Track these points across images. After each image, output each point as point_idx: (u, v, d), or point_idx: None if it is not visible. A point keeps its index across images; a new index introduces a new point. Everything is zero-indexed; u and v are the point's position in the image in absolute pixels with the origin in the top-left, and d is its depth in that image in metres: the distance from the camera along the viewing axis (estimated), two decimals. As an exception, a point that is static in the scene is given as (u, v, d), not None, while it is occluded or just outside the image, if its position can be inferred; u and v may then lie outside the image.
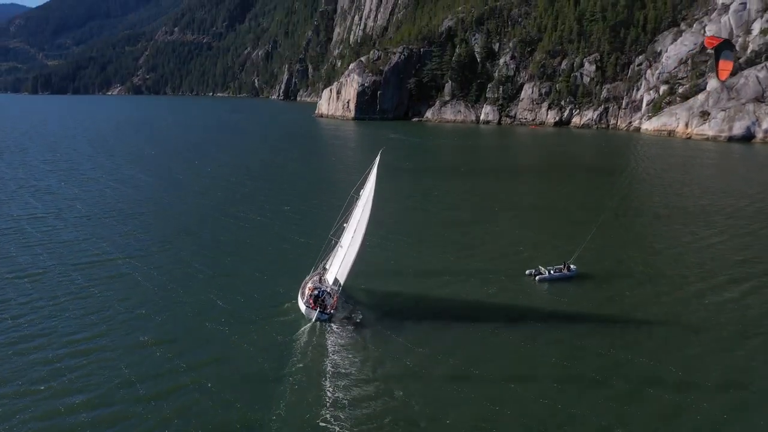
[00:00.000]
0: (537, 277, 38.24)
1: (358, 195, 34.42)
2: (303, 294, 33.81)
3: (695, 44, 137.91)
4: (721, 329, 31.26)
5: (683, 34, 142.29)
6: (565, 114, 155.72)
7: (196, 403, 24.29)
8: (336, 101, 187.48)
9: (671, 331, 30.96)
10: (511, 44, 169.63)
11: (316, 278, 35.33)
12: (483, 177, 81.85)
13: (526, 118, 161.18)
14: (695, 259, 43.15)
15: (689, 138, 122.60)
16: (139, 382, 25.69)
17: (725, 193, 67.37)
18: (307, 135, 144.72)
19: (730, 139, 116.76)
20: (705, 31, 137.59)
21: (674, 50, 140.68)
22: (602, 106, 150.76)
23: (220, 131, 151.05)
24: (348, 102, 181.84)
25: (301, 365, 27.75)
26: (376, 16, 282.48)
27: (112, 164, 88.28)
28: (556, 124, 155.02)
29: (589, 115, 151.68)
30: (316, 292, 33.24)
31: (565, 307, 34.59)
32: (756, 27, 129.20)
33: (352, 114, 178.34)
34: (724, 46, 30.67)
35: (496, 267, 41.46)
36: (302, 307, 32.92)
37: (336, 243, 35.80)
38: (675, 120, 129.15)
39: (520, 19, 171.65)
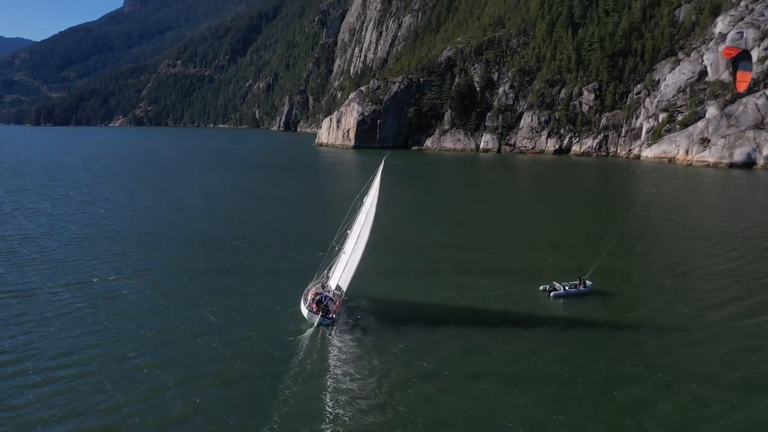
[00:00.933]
0: (551, 293, 37.23)
1: (362, 201, 34.70)
2: (306, 299, 33.86)
3: (693, 73, 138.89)
4: (739, 345, 30.10)
5: (681, 62, 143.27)
6: (565, 142, 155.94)
7: (193, 411, 23.18)
8: (336, 130, 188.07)
9: (690, 348, 29.77)
10: (510, 74, 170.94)
11: (318, 285, 35.37)
12: (488, 199, 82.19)
13: (525, 147, 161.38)
14: (712, 277, 42.18)
15: (690, 165, 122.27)
16: (124, 399, 24.34)
17: (734, 216, 66.62)
18: (306, 162, 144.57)
19: (731, 165, 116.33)
20: (702, 60, 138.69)
21: (672, 78, 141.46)
22: (602, 134, 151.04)
23: (221, 159, 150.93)
24: (348, 131, 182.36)
25: (302, 369, 27.36)
26: (376, 48, 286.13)
27: (109, 188, 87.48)
28: (555, 152, 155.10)
29: (589, 143, 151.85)
30: (318, 297, 33.36)
31: (581, 322, 33.48)
32: (753, 55, 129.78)
33: (352, 143, 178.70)
34: (742, 57, 29.90)
35: (507, 282, 40.60)
36: (305, 311, 32.93)
37: (339, 249, 35.94)
38: (675, 147, 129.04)
39: (518, 49, 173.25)
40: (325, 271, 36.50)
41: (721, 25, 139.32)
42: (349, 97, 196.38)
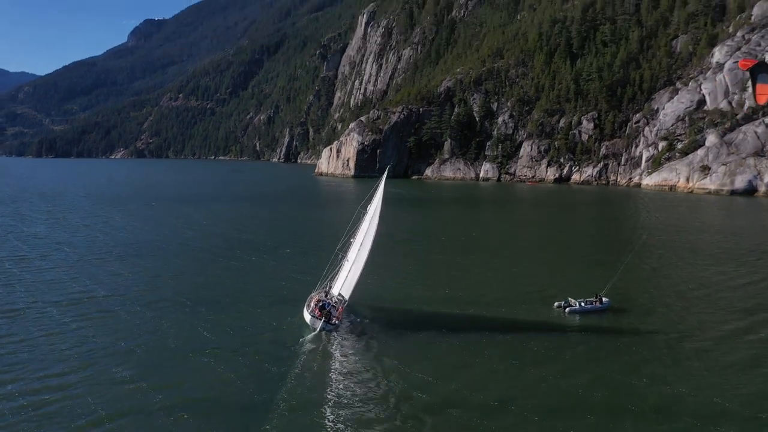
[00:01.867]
0: (567, 309, 36.30)
1: (365, 210, 35.18)
2: (308, 306, 34.06)
3: (692, 102, 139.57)
4: (755, 360, 29.05)
5: (679, 92, 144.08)
6: (565, 171, 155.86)
7: (190, 419, 22.01)
8: (336, 159, 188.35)
9: (712, 366, 28.42)
10: (509, 103, 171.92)
11: (322, 293, 35.46)
12: (493, 222, 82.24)
13: (525, 175, 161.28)
14: (729, 295, 41.32)
15: (691, 192, 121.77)
16: (108, 414, 23.13)
17: (741, 238, 66.10)
18: (306, 190, 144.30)
19: (733, 192, 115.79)
20: (701, 89, 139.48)
21: (671, 107, 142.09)
22: (602, 163, 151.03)
23: (220, 187, 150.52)
24: (348, 160, 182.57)
25: (303, 373, 27.22)
26: (376, 80, 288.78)
27: (105, 213, 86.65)
28: (556, 180, 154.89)
29: (589, 171, 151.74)
30: (321, 303, 33.68)
31: (597, 337, 32.43)
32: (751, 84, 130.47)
33: (352, 172, 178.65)
34: (760, 69, 29.15)
35: (517, 297, 39.95)
36: (308, 317, 33.19)
37: (342, 257, 36.14)
38: (675, 175, 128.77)
39: (517, 80, 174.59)
40: (329, 279, 36.44)
41: (718, 54, 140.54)
42: (349, 126, 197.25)
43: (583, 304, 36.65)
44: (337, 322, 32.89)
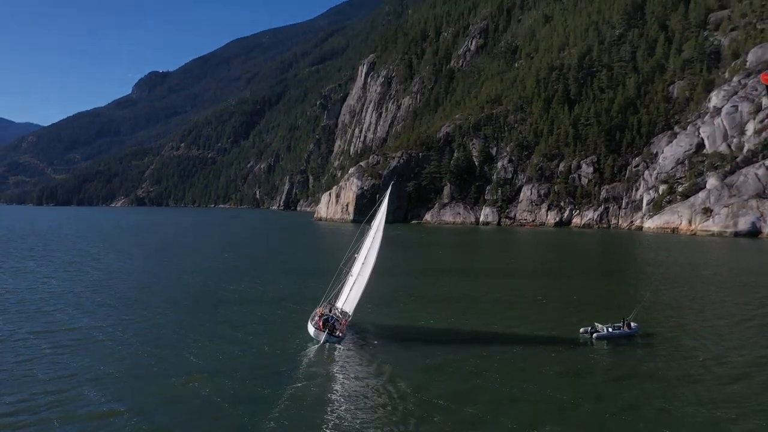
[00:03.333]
0: (594, 335, 34.60)
1: (369, 226, 35.80)
2: (312, 320, 34.59)
3: (691, 145, 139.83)
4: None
5: (678, 136, 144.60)
6: (565, 214, 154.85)
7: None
8: (335, 204, 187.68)
9: (755, 392, 26.44)
10: (508, 148, 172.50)
11: (326, 308, 35.85)
12: (500, 261, 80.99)
13: (526, 219, 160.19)
14: (758, 323, 39.70)
15: (694, 234, 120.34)
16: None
17: (760, 275, 64.12)
18: (306, 233, 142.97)
19: (736, 234, 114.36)
20: (699, 133, 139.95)
21: (670, 151, 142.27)
22: (602, 206, 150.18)
23: (219, 231, 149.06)
24: (347, 205, 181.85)
25: (305, 384, 26.96)
26: (375, 128, 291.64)
27: (97, 251, 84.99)
28: (556, 224, 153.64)
29: (590, 215, 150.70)
30: (325, 317, 34.20)
31: (630, 363, 30.45)
32: (750, 128, 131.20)
33: (351, 217, 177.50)
34: None
35: (536, 323, 38.82)
36: (311, 330, 33.73)
37: (346, 273, 36.60)
38: (677, 217, 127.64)
39: (516, 125, 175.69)
40: (333, 294, 36.84)
41: (715, 99, 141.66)
42: (349, 171, 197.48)
43: (610, 329, 35.07)
44: (340, 334, 33.21)
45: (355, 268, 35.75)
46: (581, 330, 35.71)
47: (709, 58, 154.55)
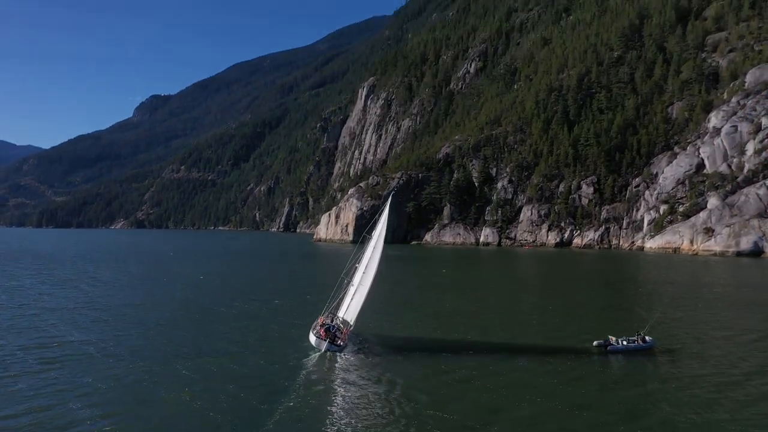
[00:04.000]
0: (608, 348, 33.76)
1: (370, 235, 35.84)
2: (314, 329, 34.59)
3: (691, 165, 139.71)
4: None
5: (678, 156, 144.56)
6: (566, 235, 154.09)
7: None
8: (335, 225, 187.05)
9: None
10: (508, 169, 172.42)
11: (328, 317, 35.86)
12: (504, 279, 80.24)
13: (526, 240, 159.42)
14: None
15: (696, 254, 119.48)
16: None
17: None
18: (305, 254, 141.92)
19: (739, 254, 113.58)
20: (699, 153, 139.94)
21: (670, 171, 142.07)
22: (603, 227, 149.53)
23: (217, 252, 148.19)
24: (347, 225, 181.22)
25: (305, 392, 26.67)
26: (375, 150, 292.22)
27: (94, 269, 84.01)
28: (557, 245, 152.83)
29: (591, 235, 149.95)
30: (326, 326, 34.22)
31: (647, 380, 29.17)
32: (750, 148, 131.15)
33: (350, 237, 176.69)
34: None
35: (550, 335, 38.15)
36: (313, 339, 33.81)
37: (348, 283, 36.79)
38: (679, 237, 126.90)
39: (515, 146, 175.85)
40: (334, 304, 36.83)
41: (714, 120, 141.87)
42: (349, 192, 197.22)
43: (625, 342, 34.23)
44: (341, 343, 33.27)
45: (356, 278, 35.88)
46: (594, 343, 34.80)
47: (708, 80, 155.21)
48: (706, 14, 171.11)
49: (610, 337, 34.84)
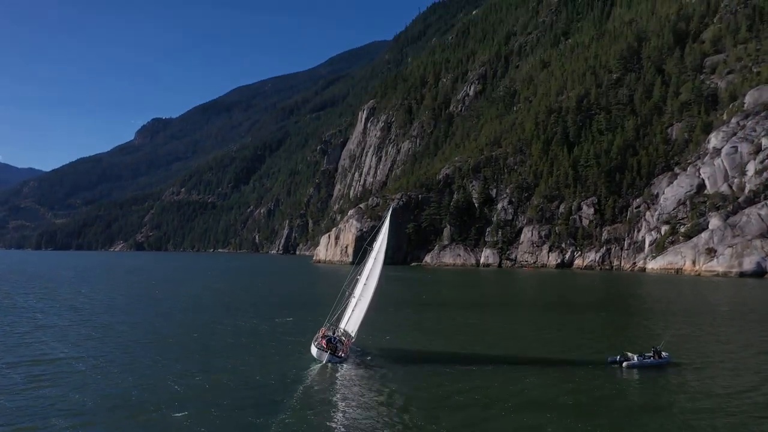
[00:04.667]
0: (624, 364, 32.73)
1: (371, 247, 35.99)
2: (316, 340, 34.78)
3: (691, 186, 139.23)
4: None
5: (678, 176, 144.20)
6: (567, 256, 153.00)
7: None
8: (334, 246, 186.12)
9: None
10: (508, 190, 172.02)
11: (329, 329, 35.91)
12: (509, 298, 79.08)
13: (527, 261, 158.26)
14: None
15: (698, 275, 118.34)
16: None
17: None
18: (304, 274, 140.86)
19: (742, 274, 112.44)
20: (700, 174, 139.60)
21: (671, 192, 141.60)
22: (604, 248, 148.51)
23: (215, 272, 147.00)
24: (346, 247, 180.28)
25: (305, 403, 26.24)
26: (375, 172, 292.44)
27: (89, 289, 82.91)
28: (558, 266, 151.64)
29: (592, 256, 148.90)
30: (328, 338, 34.35)
31: (664, 396, 28.17)
32: (750, 168, 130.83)
33: (350, 259, 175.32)
34: None
35: (561, 351, 37.45)
36: (314, 350, 33.98)
37: (349, 295, 37.03)
38: (681, 258, 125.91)
39: (515, 167, 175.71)
40: (336, 316, 36.89)
41: (714, 140, 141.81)
42: (348, 213, 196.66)
43: (641, 358, 33.35)
44: (343, 355, 33.44)
45: (358, 290, 36.11)
46: (609, 359, 33.83)
47: (707, 101, 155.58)
48: (704, 37, 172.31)
49: (626, 352, 33.97)
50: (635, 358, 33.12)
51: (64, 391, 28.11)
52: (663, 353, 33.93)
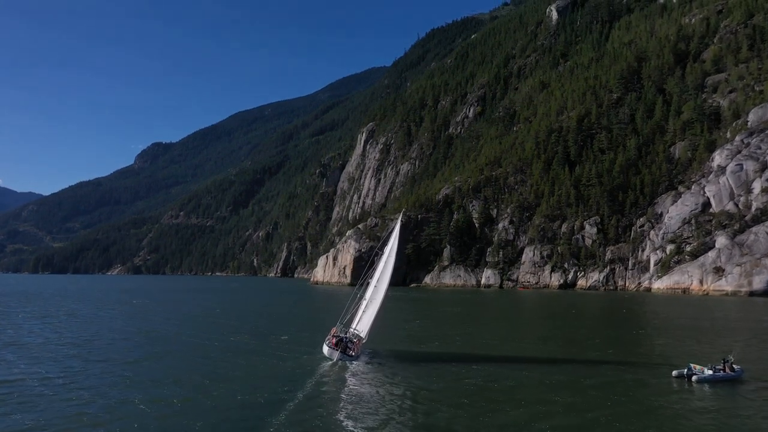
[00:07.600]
0: (693, 377, 29.87)
1: (381, 251, 37.85)
2: (327, 339, 35.84)
3: (696, 204, 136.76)
4: None
5: (682, 195, 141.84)
6: (570, 276, 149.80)
7: None
8: (332, 267, 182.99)
9: None
10: (508, 210, 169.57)
11: (341, 329, 36.84)
12: (524, 317, 75.79)
13: (528, 281, 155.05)
14: None
15: (707, 294, 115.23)
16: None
17: None
18: (303, 294, 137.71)
19: (752, 294, 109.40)
20: (704, 192, 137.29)
21: (675, 211, 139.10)
22: (608, 268, 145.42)
23: (214, 293, 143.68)
24: (344, 268, 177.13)
25: (314, 402, 26.21)
26: (374, 194, 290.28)
27: (85, 310, 79.65)
28: (560, 286, 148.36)
29: (595, 276, 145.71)
30: (339, 337, 35.29)
31: (744, 416, 25.06)
32: (756, 186, 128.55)
33: (348, 280, 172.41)
34: None
35: (617, 366, 34.85)
36: (326, 349, 35.13)
37: (360, 297, 38.18)
38: (688, 277, 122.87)
39: (516, 186, 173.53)
40: (348, 317, 37.80)
41: (718, 158, 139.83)
42: (347, 234, 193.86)
43: (710, 371, 30.43)
44: (353, 353, 34.57)
45: (368, 292, 37.35)
46: (674, 373, 31.09)
47: (709, 119, 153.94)
48: (704, 57, 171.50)
49: (692, 365, 31.07)
50: (704, 372, 30.31)
51: (35, 413, 25.18)
52: (735, 366, 31.07)
